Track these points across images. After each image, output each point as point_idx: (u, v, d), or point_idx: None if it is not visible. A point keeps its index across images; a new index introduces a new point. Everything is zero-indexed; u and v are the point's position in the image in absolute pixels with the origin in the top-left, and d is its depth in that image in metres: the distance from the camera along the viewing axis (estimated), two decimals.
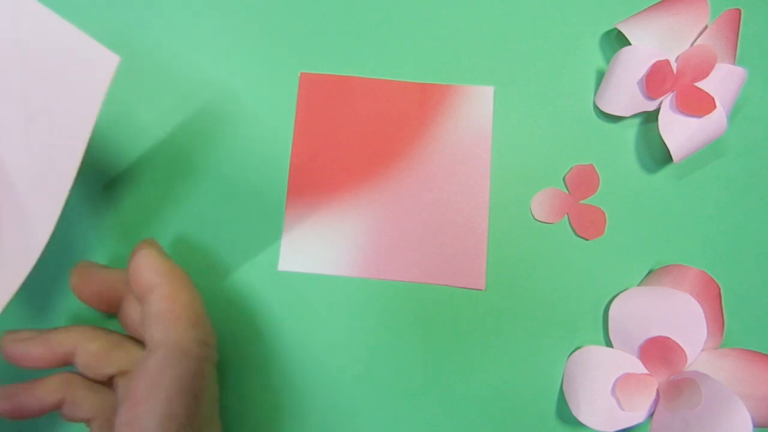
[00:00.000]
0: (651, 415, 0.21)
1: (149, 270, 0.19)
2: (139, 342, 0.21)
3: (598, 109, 0.24)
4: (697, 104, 0.23)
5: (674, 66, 0.23)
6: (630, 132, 0.25)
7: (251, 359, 0.23)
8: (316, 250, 0.24)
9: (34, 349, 0.19)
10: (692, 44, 0.24)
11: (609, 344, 0.23)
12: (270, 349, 0.23)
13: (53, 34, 0.13)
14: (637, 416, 0.21)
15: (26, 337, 0.19)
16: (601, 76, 0.25)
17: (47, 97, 0.13)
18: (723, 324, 0.22)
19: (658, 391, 0.21)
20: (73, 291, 0.21)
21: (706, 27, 0.24)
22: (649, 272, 0.24)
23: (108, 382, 0.20)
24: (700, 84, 0.23)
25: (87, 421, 0.19)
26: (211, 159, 0.24)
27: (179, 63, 0.25)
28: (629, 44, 0.24)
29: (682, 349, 0.21)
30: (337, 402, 0.23)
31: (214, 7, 0.25)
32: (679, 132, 0.23)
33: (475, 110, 0.25)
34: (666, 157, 0.24)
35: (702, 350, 0.21)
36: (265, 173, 0.24)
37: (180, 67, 0.25)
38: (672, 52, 0.24)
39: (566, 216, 0.24)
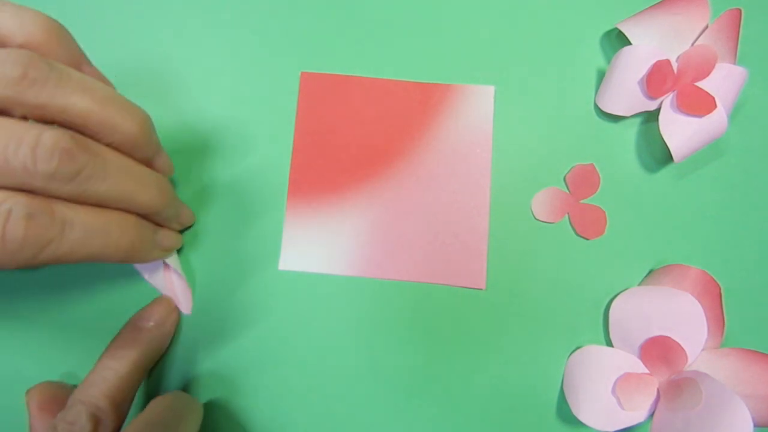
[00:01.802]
0: (651, 414, 0.21)
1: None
2: None
3: (599, 108, 0.24)
4: (698, 104, 0.23)
5: (675, 66, 0.23)
6: (630, 132, 0.25)
7: (251, 358, 0.23)
8: (316, 249, 0.24)
9: None
10: (693, 44, 0.24)
11: (609, 344, 0.23)
12: (270, 348, 0.23)
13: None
14: (638, 416, 0.21)
15: None
16: (601, 76, 0.25)
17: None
18: (723, 324, 0.22)
19: (658, 390, 0.21)
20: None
21: (706, 27, 0.24)
22: (650, 272, 0.24)
23: None
24: (700, 84, 0.23)
25: None
26: (212, 158, 0.24)
27: (179, 63, 0.25)
28: (630, 44, 0.24)
29: (682, 348, 0.21)
30: (337, 401, 0.23)
31: (214, 7, 0.25)
32: (680, 132, 0.23)
33: (476, 110, 0.25)
34: (666, 157, 0.24)
35: (702, 350, 0.21)
36: (265, 172, 0.24)
37: (180, 67, 0.25)
38: (673, 52, 0.24)
39: (567, 215, 0.24)
